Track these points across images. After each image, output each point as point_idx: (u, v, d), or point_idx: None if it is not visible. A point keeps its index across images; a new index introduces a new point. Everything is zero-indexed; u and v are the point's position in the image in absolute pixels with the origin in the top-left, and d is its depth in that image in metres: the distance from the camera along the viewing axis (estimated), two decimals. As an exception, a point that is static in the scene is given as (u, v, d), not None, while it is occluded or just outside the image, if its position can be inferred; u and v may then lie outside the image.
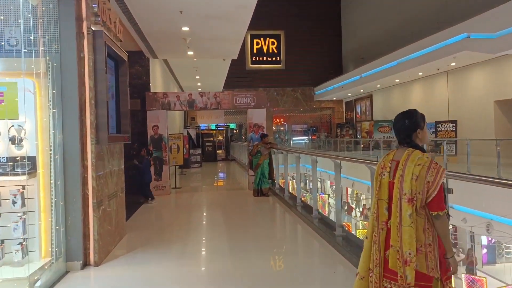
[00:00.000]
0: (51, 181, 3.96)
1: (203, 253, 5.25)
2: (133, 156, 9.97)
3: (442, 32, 13.07)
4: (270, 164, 9.11)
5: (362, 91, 22.76)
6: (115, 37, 5.25)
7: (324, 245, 5.10)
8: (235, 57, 10.41)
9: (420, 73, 16.69)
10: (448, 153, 15.52)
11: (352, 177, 13.46)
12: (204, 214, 7.88)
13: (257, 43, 26.97)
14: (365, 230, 11.36)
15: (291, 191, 8.94)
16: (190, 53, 9.67)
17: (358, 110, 25.23)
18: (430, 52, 13.99)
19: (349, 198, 19.82)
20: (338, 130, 26.07)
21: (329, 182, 20.01)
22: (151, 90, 9.90)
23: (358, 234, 11.72)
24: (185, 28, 7.63)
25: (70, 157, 4.15)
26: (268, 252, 5.04)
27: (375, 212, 2.38)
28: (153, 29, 7.75)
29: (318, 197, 6.57)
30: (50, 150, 3.98)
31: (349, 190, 19.29)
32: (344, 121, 26.81)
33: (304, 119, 31.85)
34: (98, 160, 4.42)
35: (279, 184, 9.56)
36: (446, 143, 15.82)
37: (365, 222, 12.78)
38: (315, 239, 5.48)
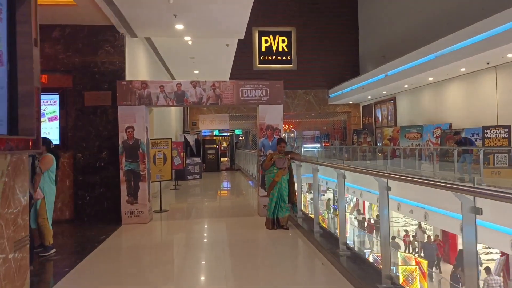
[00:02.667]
0: None
1: None
2: (101, 168, 7.35)
3: (500, 14, 10.39)
4: (291, 183, 6.37)
5: (385, 92, 20.13)
6: None
7: None
8: (242, 36, 7.73)
9: (463, 69, 13.96)
10: (499, 164, 12.92)
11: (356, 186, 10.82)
12: (194, 264, 5.17)
13: (266, 41, 24.70)
14: (411, 268, 8.55)
15: (322, 224, 6.16)
16: (180, 26, 7.00)
17: (378, 114, 22.58)
18: (481, 41, 11.35)
19: (366, 213, 17.15)
20: (355, 137, 23.42)
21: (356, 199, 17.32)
22: (127, 79, 7.26)
23: (401, 272, 8.92)
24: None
25: None
26: None
27: None
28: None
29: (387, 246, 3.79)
30: None
31: (360, 202, 16.56)
32: (362, 127, 24.11)
33: (315, 125, 29.35)
34: None
35: (301, 209, 6.82)
36: (495, 153, 13.13)
37: (406, 254, 10.00)
38: None
